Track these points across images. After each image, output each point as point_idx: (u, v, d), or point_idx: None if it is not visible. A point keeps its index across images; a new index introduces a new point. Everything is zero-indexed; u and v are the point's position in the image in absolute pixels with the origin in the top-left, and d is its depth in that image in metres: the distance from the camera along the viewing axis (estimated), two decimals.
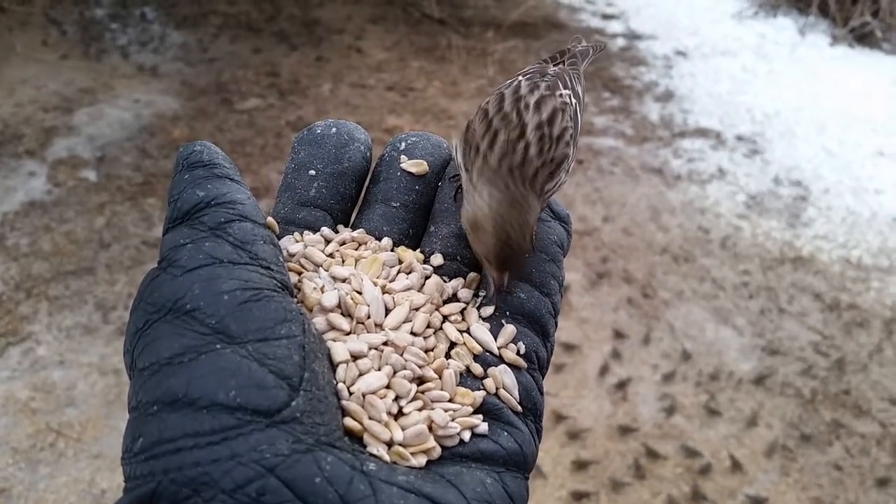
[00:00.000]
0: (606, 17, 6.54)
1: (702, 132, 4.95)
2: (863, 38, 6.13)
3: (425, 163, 0.80)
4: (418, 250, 0.76)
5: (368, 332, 0.66)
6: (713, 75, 5.67)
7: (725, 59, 5.91)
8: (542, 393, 0.68)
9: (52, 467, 2.64)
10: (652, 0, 6.81)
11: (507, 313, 0.70)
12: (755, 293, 3.68)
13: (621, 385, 3.12)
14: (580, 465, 2.79)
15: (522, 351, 0.68)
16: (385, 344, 0.65)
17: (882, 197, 4.46)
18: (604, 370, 3.17)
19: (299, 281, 0.68)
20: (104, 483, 2.60)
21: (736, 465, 2.86)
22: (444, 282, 0.73)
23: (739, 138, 4.92)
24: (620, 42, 6.12)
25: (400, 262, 0.74)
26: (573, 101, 0.84)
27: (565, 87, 0.84)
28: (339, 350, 0.62)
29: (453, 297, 0.73)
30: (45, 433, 2.74)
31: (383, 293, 0.69)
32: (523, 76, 0.85)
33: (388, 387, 0.62)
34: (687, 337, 3.39)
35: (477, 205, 0.72)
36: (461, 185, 0.80)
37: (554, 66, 0.92)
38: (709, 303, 3.59)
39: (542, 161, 0.75)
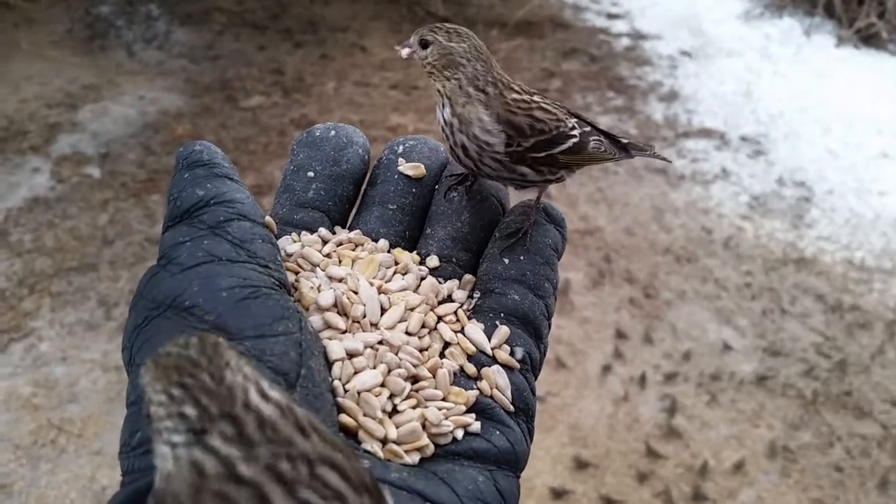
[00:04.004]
0: (611, 16, 6.53)
1: (706, 132, 4.94)
2: (868, 39, 6.10)
3: (422, 166, 0.81)
4: (414, 252, 0.77)
5: (364, 331, 0.67)
6: (718, 76, 5.65)
7: (730, 60, 5.89)
8: (534, 393, 0.69)
9: (54, 463, 2.65)
10: (657, 0, 6.79)
11: (502, 314, 0.71)
12: (757, 294, 3.67)
13: (623, 385, 3.12)
14: (581, 465, 2.79)
15: (517, 354, 0.69)
16: (380, 343, 0.66)
17: (886, 198, 4.45)
18: (605, 370, 3.17)
19: (296, 280, 0.69)
20: (105, 479, 2.61)
21: (737, 466, 2.86)
22: (440, 283, 0.74)
23: (743, 139, 4.90)
24: (625, 42, 6.11)
25: (396, 263, 0.74)
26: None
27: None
28: (335, 348, 0.63)
29: (448, 299, 0.74)
30: (47, 429, 2.76)
31: (379, 293, 0.70)
32: None
33: (382, 385, 0.63)
34: (689, 337, 3.39)
35: None
36: (456, 183, 0.81)
37: None
38: (711, 303, 3.59)
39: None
